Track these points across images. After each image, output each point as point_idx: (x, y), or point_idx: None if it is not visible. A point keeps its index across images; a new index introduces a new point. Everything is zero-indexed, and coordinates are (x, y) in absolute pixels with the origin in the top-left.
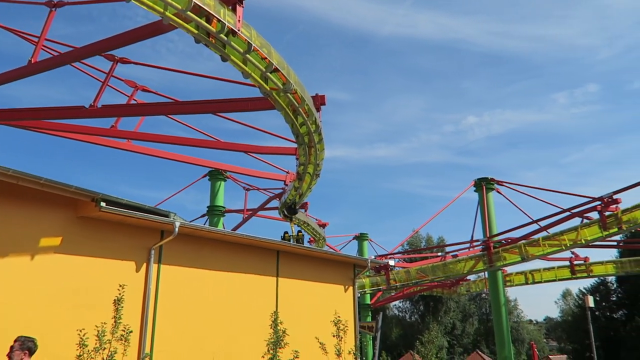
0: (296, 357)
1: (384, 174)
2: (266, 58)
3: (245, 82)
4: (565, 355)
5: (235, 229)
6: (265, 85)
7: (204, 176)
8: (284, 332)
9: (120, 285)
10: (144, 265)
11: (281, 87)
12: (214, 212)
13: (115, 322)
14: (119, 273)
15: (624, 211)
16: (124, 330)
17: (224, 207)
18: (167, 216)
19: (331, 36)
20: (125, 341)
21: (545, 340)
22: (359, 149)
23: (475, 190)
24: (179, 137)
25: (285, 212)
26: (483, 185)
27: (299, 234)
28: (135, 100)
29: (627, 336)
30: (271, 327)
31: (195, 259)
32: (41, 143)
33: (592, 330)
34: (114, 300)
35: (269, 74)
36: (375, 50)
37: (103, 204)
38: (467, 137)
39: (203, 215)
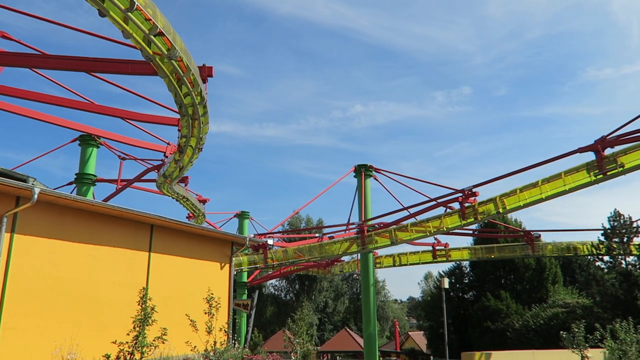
0: (164, 335)
1: (270, 154)
2: (150, 19)
3: (127, 42)
4: (423, 332)
5: (107, 199)
6: (147, 49)
7: (74, 140)
8: (152, 308)
9: None
10: None
11: (165, 52)
12: (83, 180)
13: None
14: None
15: (480, 203)
16: None
17: (95, 176)
18: (24, 181)
19: (228, 7)
20: None
21: (407, 318)
22: (247, 126)
23: (355, 176)
24: (46, 94)
25: None
26: (362, 171)
27: None
28: None
29: (474, 314)
30: (139, 304)
31: (57, 230)
32: None
33: (446, 309)
34: None
35: (152, 37)
36: (272, 28)
37: None
38: (353, 125)
39: (70, 183)
